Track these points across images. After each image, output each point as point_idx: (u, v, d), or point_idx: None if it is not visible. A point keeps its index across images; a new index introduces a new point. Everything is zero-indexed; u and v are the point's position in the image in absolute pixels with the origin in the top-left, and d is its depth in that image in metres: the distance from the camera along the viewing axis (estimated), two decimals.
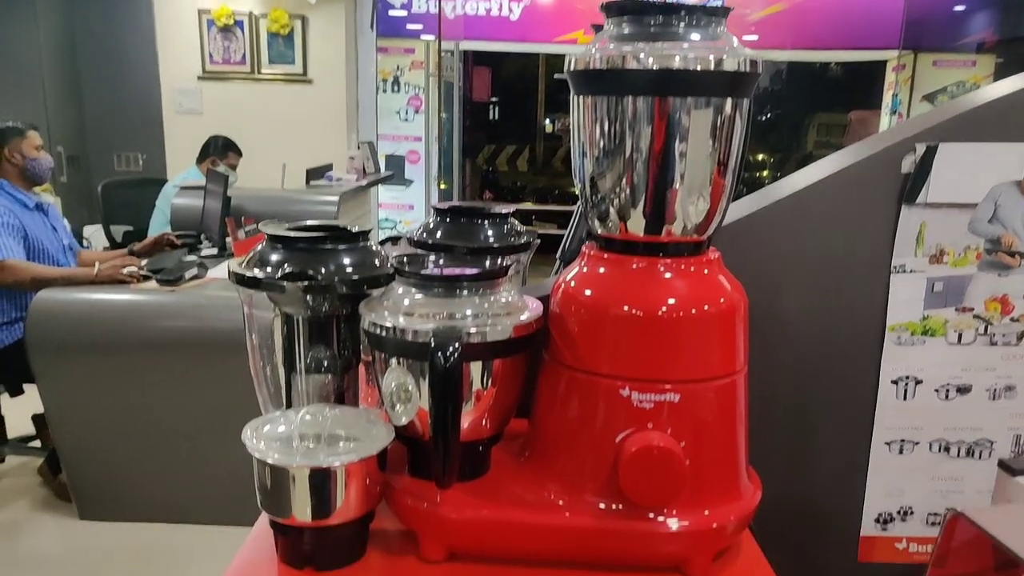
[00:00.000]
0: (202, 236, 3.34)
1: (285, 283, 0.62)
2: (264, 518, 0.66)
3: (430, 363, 0.56)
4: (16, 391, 3.00)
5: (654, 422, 0.59)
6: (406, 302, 0.61)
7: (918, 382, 0.82)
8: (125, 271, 2.67)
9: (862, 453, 0.82)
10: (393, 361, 0.61)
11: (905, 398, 0.82)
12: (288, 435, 0.61)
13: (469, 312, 0.60)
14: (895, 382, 0.82)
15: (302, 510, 0.59)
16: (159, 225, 3.82)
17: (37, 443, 3.16)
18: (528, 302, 0.65)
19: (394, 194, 5.93)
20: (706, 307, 0.60)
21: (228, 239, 3.26)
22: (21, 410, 3.17)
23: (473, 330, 0.59)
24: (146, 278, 2.72)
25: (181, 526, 2.79)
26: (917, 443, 0.83)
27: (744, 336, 0.63)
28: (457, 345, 0.56)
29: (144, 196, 4.13)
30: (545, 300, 0.66)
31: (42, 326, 2.53)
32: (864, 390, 0.81)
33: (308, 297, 0.64)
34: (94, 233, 4.53)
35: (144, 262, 2.81)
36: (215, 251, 3.23)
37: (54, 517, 2.88)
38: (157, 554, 2.65)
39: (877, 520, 0.85)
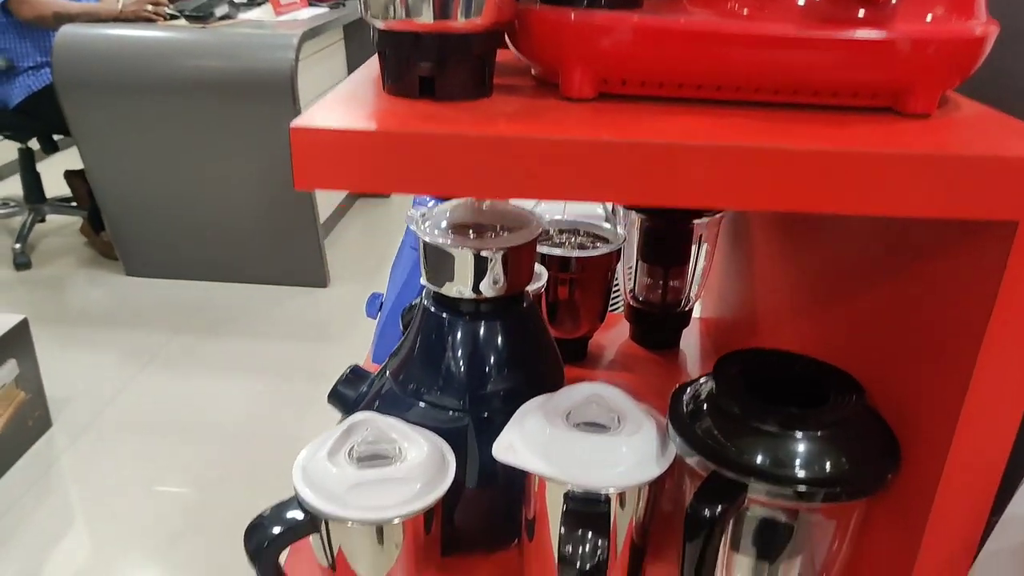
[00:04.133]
0: None
1: None
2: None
3: None
4: (49, 146, 2.90)
5: None
6: None
7: None
8: (151, 8, 2.48)
9: None
10: None
11: None
12: None
13: None
14: None
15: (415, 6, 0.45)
16: None
17: (76, 204, 3.10)
18: None
19: None
20: None
21: None
22: (56, 170, 3.09)
23: None
24: (173, 18, 2.53)
25: (229, 284, 2.77)
26: None
27: None
28: None
29: None
30: None
31: (70, 64, 2.39)
32: None
33: None
34: None
35: (168, 2, 2.60)
36: None
37: (101, 273, 2.87)
38: (207, 308, 2.65)
39: None
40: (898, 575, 0.53)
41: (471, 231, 0.65)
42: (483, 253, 0.63)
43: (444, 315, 0.67)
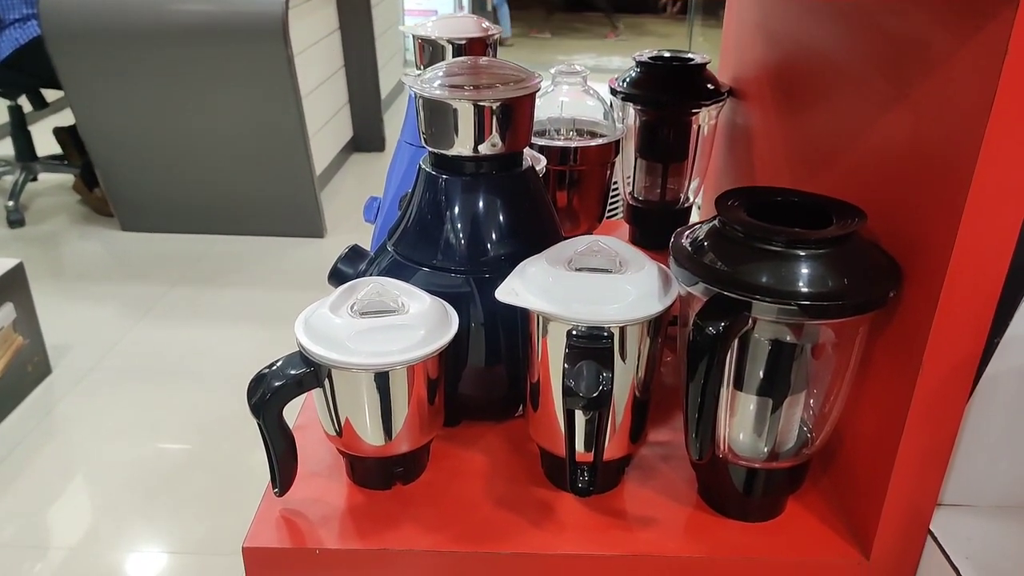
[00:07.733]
0: None
1: None
2: None
3: None
4: (39, 102, 2.89)
5: None
6: None
7: None
8: None
9: None
10: None
11: None
12: None
13: None
14: None
15: None
16: None
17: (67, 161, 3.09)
18: None
19: None
20: None
21: None
22: (48, 131, 3.07)
23: None
24: None
25: (225, 237, 2.77)
26: None
27: None
28: None
29: None
30: None
31: (57, 13, 2.36)
32: None
33: None
34: None
35: None
36: None
37: (96, 229, 2.86)
38: (204, 260, 2.64)
39: None
40: (900, 399, 0.54)
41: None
42: (482, 103, 0.63)
43: (443, 176, 0.67)
